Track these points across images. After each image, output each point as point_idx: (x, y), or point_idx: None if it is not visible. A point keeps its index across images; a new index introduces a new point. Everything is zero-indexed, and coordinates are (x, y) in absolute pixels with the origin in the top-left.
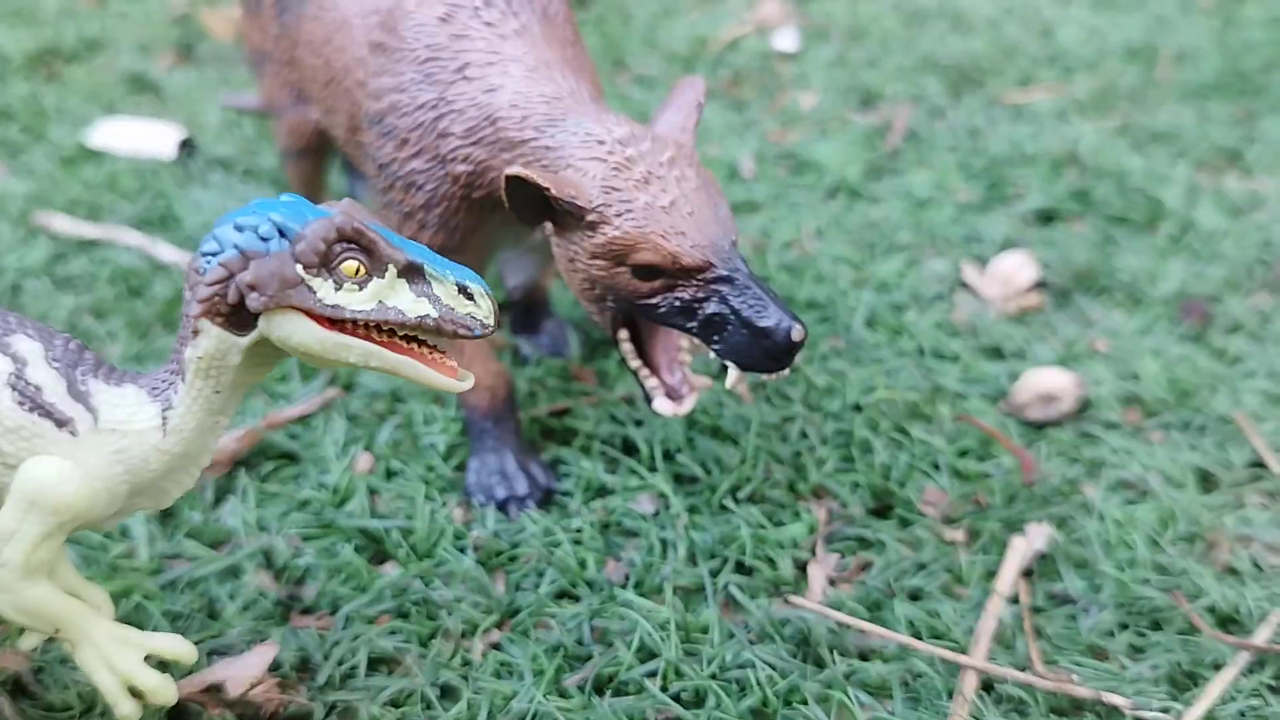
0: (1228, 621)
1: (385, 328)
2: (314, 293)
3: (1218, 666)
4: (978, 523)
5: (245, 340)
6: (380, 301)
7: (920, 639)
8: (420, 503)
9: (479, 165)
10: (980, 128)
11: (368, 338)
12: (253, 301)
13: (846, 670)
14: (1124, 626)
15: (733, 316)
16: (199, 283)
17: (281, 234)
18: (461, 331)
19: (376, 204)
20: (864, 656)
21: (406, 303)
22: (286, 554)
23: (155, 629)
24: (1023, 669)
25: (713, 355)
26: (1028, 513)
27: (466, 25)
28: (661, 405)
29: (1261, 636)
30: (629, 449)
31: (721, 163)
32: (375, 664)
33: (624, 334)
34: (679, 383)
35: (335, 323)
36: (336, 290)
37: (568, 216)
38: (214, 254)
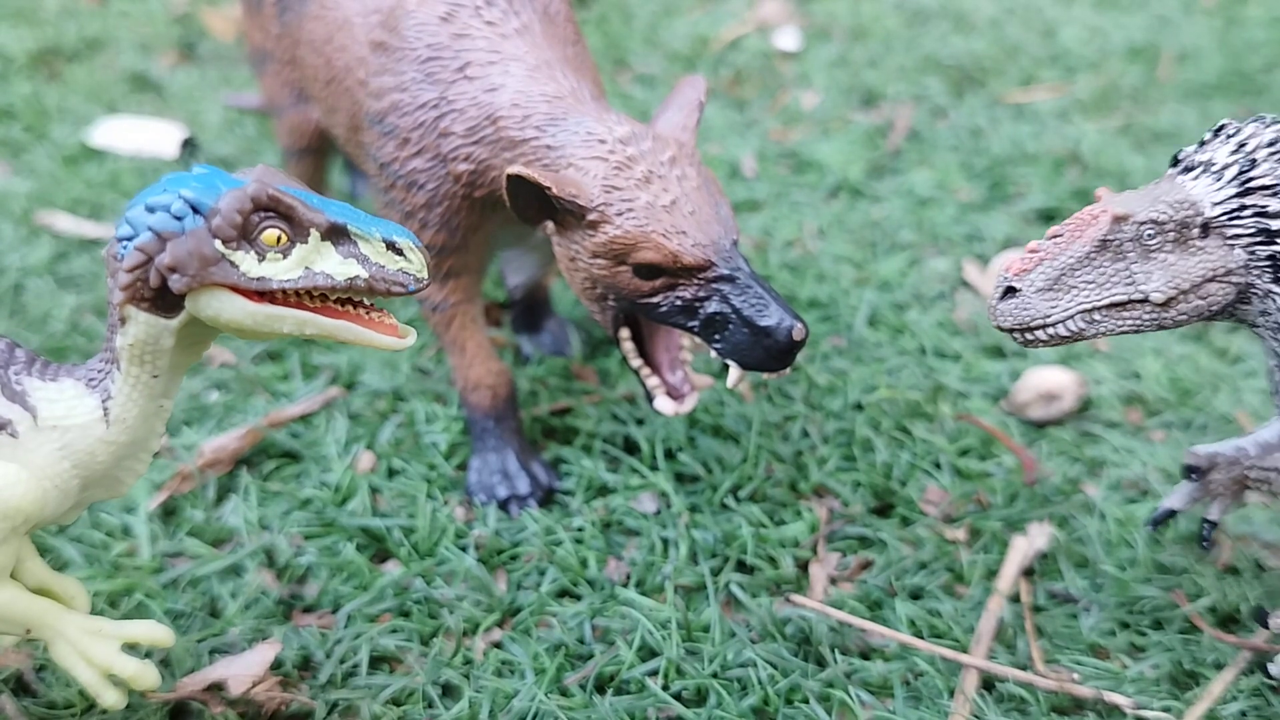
0: (1228, 621)
1: (317, 293)
2: (236, 267)
3: (1219, 666)
4: (979, 522)
5: (175, 322)
6: (307, 268)
7: (921, 638)
8: (422, 501)
9: (480, 164)
10: (982, 127)
11: (300, 305)
12: (175, 283)
13: (848, 669)
14: (1125, 626)
15: (734, 315)
16: (118, 269)
17: (196, 210)
18: (395, 289)
19: (378, 203)
20: (865, 655)
21: (334, 265)
22: (288, 552)
23: None
24: (1024, 668)
25: (714, 354)
26: (1029, 512)
27: (468, 24)
28: (663, 404)
29: (1261, 635)
30: (630, 448)
31: (723, 161)
32: (377, 662)
33: (625, 333)
34: (680, 381)
35: (264, 294)
36: (260, 261)
37: (569, 215)
38: (129, 238)
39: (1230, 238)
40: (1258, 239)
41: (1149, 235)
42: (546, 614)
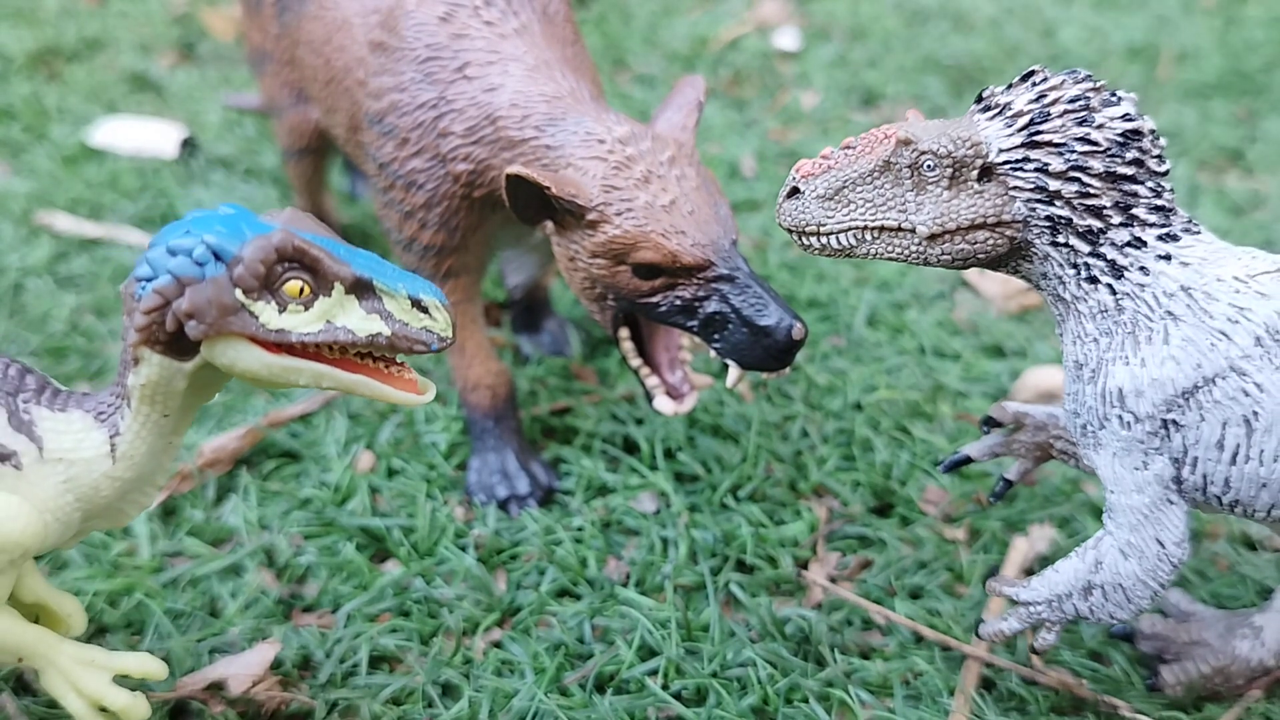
0: None
1: (336, 346)
2: (256, 318)
3: None
4: (979, 522)
5: (189, 366)
6: (328, 321)
7: (921, 637)
8: (421, 501)
9: (479, 164)
10: None
11: (318, 357)
12: (191, 330)
13: (847, 668)
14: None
15: (733, 315)
16: (135, 310)
17: (218, 257)
18: (417, 348)
19: (378, 203)
20: (865, 655)
21: (356, 321)
22: (288, 552)
23: (157, 627)
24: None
25: (713, 354)
26: (1029, 512)
27: (466, 24)
28: (662, 404)
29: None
30: (630, 447)
31: (722, 161)
32: (376, 662)
33: (625, 333)
34: (680, 381)
35: (282, 345)
36: (280, 313)
37: (568, 215)
38: (149, 279)
39: (1011, 188)
40: (1038, 196)
41: (927, 166)
42: (546, 613)
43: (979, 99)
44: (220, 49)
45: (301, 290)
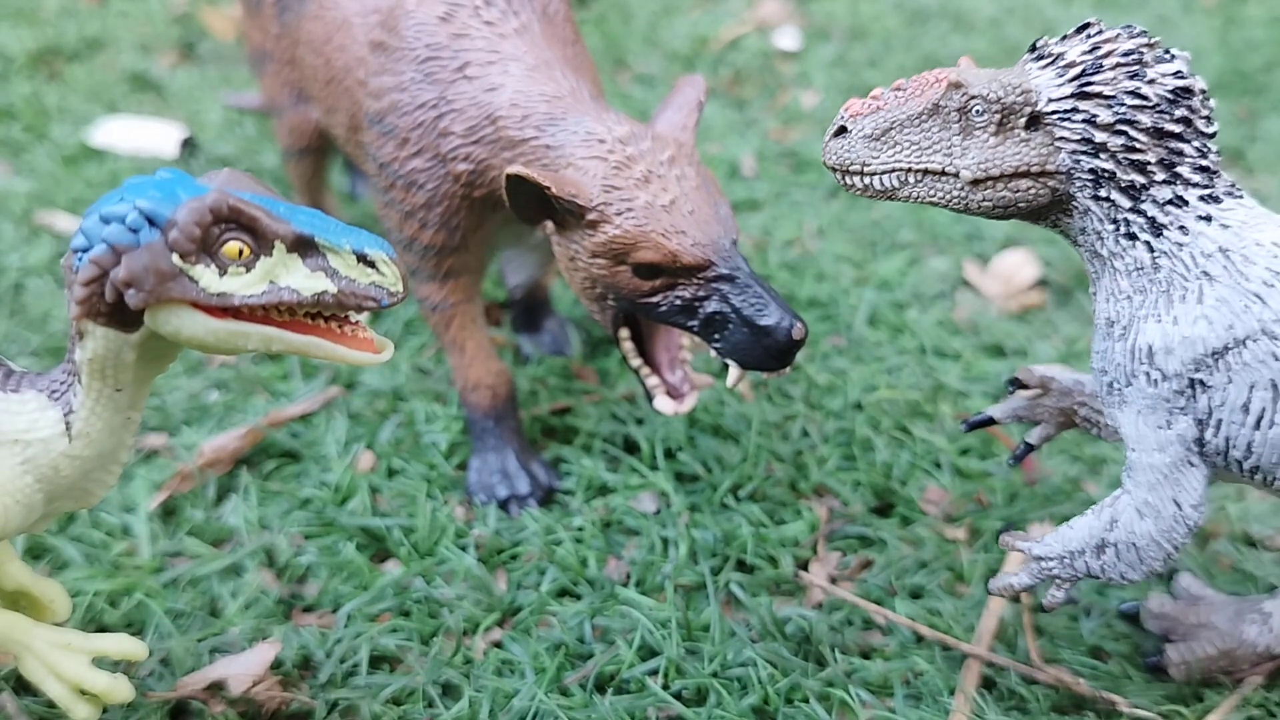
0: None
1: (284, 307)
2: (196, 282)
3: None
4: (979, 521)
5: (135, 337)
6: (271, 282)
7: (921, 637)
8: (422, 501)
9: (480, 164)
10: None
11: (266, 320)
12: (131, 299)
13: (848, 668)
14: (1126, 635)
15: (733, 315)
16: (73, 282)
17: (152, 222)
18: (367, 304)
19: (378, 203)
20: (865, 655)
21: (300, 280)
22: (288, 552)
23: (157, 627)
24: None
25: (714, 354)
26: (1029, 511)
27: (466, 24)
28: (663, 404)
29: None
30: (630, 447)
31: (723, 161)
32: (377, 662)
33: (625, 332)
34: (680, 381)
35: (226, 310)
36: (221, 276)
37: (568, 215)
38: (84, 250)
39: (1058, 138)
40: (1083, 148)
41: (976, 111)
42: (546, 613)
43: (1032, 48)
44: (220, 49)
45: (241, 251)
